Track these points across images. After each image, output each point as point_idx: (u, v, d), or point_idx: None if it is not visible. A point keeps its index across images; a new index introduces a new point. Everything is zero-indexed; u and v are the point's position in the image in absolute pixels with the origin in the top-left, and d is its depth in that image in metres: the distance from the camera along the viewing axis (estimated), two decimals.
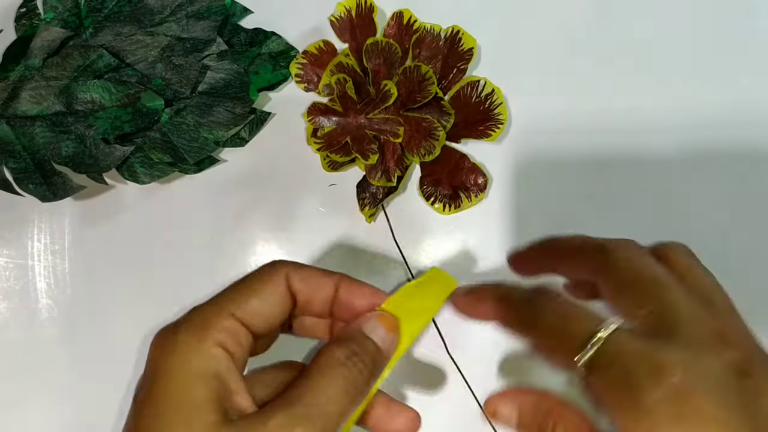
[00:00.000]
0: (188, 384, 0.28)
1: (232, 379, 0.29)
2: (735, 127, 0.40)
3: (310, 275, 0.32)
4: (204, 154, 0.40)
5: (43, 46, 0.38)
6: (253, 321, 0.30)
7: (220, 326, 0.29)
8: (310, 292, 0.32)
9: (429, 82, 0.39)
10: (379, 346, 0.32)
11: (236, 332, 0.29)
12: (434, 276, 0.35)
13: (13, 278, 0.41)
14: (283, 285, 0.31)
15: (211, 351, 0.28)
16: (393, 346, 0.32)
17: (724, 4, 0.40)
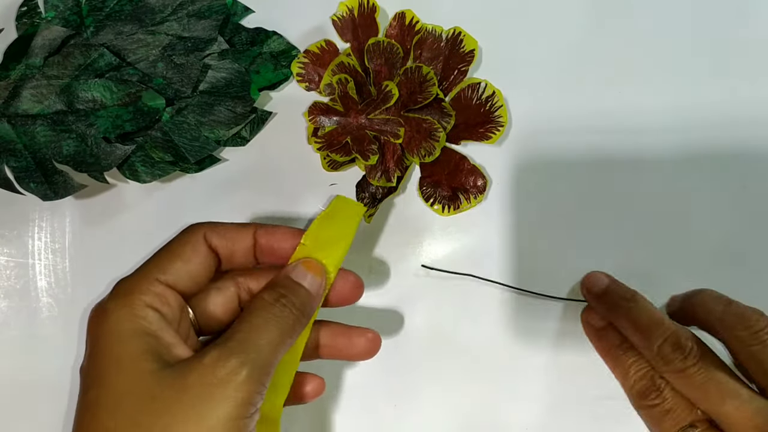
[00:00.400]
0: (122, 341, 0.30)
1: (166, 335, 0.31)
2: (735, 127, 0.40)
3: (227, 230, 0.35)
4: (205, 154, 0.40)
5: (44, 44, 0.38)
6: (179, 282, 0.33)
7: (146, 290, 0.32)
8: (229, 245, 0.35)
9: (430, 83, 0.39)
10: (308, 290, 0.34)
11: (163, 294, 0.32)
12: (340, 204, 0.37)
13: (14, 277, 0.41)
14: (202, 245, 0.34)
15: (140, 312, 0.31)
16: (321, 289, 0.35)
17: (724, 4, 0.40)
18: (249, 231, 0.35)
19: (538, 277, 0.40)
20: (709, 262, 0.40)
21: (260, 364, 0.30)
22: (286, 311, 0.33)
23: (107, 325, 0.31)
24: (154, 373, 0.29)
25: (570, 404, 0.40)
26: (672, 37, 0.40)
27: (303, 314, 0.33)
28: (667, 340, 0.34)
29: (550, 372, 0.40)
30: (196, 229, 0.34)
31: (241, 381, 0.29)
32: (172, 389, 0.29)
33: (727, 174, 0.40)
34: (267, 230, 0.35)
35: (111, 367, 0.30)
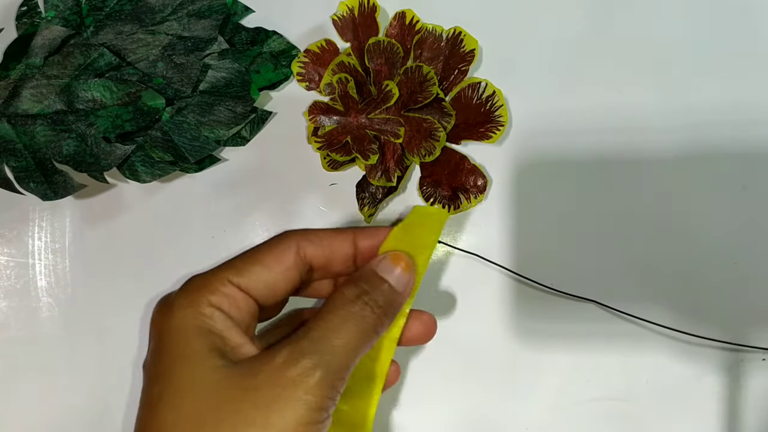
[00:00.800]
0: (188, 338, 0.29)
1: (233, 335, 0.29)
2: (735, 127, 0.40)
3: (322, 238, 0.33)
4: (205, 153, 0.40)
5: (44, 44, 0.38)
6: (252, 287, 0.31)
7: (215, 290, 0.30)
8: (326, 254, 0.32)
9: (430, 83, 0.39)
10: (393, 286, 0.32)
11: (233, 296, 0.30)
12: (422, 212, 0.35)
13: (14, 277, 0.41)
14: (291, 254, 0.32)
15: (205, 311, 0.29)
16: (409, 286, 0.32)
17: (724, 4, 0.40)
18: (347, 236, 0.33)
19: (538, 277, 0.40)
20: (709, 262, 0.40)
21: (335, 368, 0.28)
22: (368, 310, 0.30)
23: (171, 321, 0.29)
24: (220, 370, 0.28)
25: (570, 404, 0.40)
26: (672, 36, 0.40)
27: (386, 314, 0.31)
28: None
29: (550, 372, 0.40)
30: (287, 237, 0.32)
31: (313, 384, 0.28)
32: (239, 388, 0.28)
33: (727, 174, 0.40)
34: (367, 233, 0.33)
35: (175, 363, 0.29)
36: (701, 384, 0.39)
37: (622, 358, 0.39)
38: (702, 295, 0.39)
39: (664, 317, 0.39)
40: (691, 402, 0.39)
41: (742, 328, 0.39)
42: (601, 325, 0.40)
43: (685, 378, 0.39)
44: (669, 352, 0.39)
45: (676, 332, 0.39)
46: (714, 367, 0.39)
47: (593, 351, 0.39)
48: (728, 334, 0.39)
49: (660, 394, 0.39)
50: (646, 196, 0.40)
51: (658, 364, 0.39)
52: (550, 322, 0.40)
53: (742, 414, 0.39)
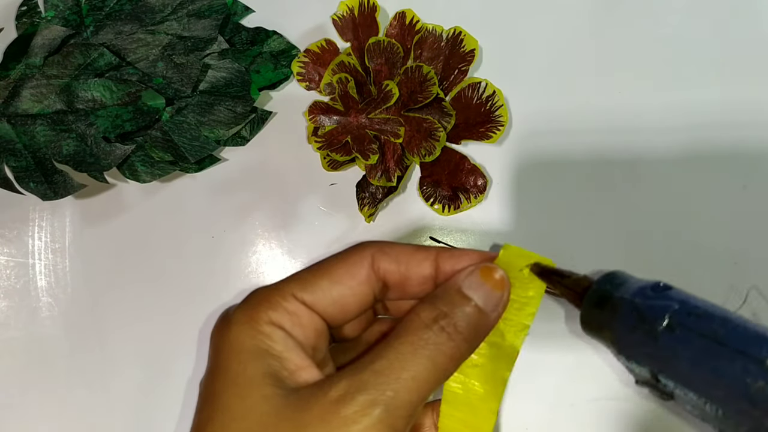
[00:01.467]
0: (242, 360, 0.27)
1: (293, 357, 0.27)
2: (735, 127, 0.40)
3: (401, 254, 0.29)
4: (205, 153, 0.40)
5: (44, 44, 0.38)
6: (319, 304, 0.28)
7: (277, 305, 0.27)
8: (402, 271, 0.29)
9: (430, 83, 0.39)
10: (480, 307, 0.28)
11: (296, 313, 0.28)
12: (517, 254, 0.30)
13: (14, 276, 0.41)
14: (364, 268, 0.29)
15: (264, 329, 0.27)
16: (501, 305, 0.28)
17: (725, 4, 0.40)
18: (428, 255, 0.29)
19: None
20: (709, 262, 0.40)
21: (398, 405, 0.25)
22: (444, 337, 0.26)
23: (228, 339, 0.27)
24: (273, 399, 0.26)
25: (570, 404, 0.40)
26: (672, 36, 0.40)
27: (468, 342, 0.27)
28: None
29: (550, 372, 0.40)
30: (362, 249, 0.29)
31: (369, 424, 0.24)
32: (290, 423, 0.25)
33: (727, 174, 0.40)
34: (451, 255, 0.29)
35: (228, 388, 0.27)
36: None
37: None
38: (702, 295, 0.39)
39: None
40: None
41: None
42: None
43: None
44: None
45: None
46: None
47: (593, 351, 0.39)
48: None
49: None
50: (646, 196, 0.40)
51: None
52: (550, 322, 0.40)
53: None
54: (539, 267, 0.29)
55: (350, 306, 0.29)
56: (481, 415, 0.29)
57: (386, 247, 0.29)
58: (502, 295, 0.28)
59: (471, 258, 0.29)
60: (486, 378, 0.29)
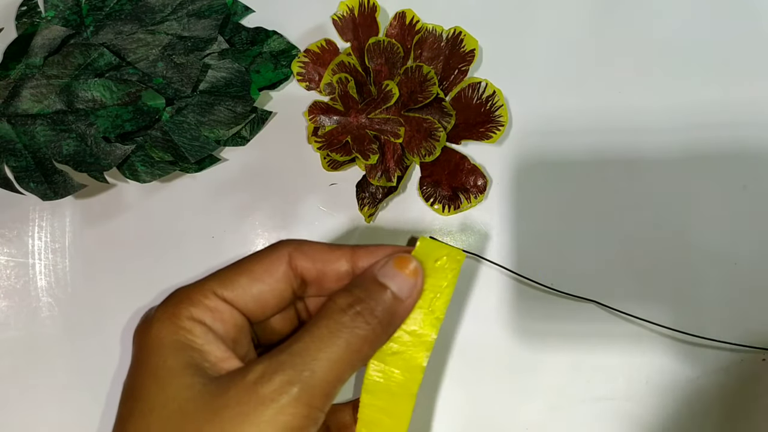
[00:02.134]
0: (162, 354, 0.27)
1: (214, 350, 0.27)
2: (735, 128, 0.40)
3: (316, 251, 0.30)
4: (205, 153, 0.40)
5: (44, 44, 0.38)
6: (239, 300, 0.29)
7: (197, 302, 0.28)
8: (318, 268, 0.30)
9: (430, 83, 0.39)
10: (395, 293, 0.29)
11: (217, 309, 0.28)
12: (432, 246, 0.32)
13: (14, 276, 0.41)
14: (282, 265, 0.30)
15: (185, 325, 0.28)
16: (416, 291, 0.30)
17: (725, 4, 0.40)
18: (344, 253, 0.30)
19: (538, 277, 0.40)
20: (708, 263, 0.40)
21: (314, 384, 0.26)
22: (360, 321, 0.27)
23: (149, 336, 0.28)
24: (193, 387, 0.26)
25: (570, 404, 0.40)
26: (672, 37, 0.40)
27: (383, 326, 0.28)
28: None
29: (550, 372, 0.40)
30: (279, 247, 0.30)
31: (286, 403, 0.25)
32: (208, 407, 0.26)
33: (727, 174, 0.40)
34: (367, 251, 0.30)
35: (147, 380, 0.27)
36: (701, 384, 0.39)
37: (622, 358, 0.39)
38: (702, 295, 0.39)
39: (664, 317, 0.39)
40: (691, 402, 0.39)
41: (742, 328, 0.39)
42: (601, 325, 0.40)
43: (685, 378, 0.39)
44: (669, 352, 0.39)
45: (676, 332, 0.39)
46: (714, 367, 0.39)
47: (593, 351, 0.39)
48: (728, 334, 0.39)
49: (660, 394, 0.39)
50: (646, 196, 0.40)
51: (658, 364, 0.39)
52: (550, 322, 0.40)
53: (742, 414, 0.39)
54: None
55: (269, 302, 0.30)
56: (401, 401, 0.31)
57: (304, 246, 0.30)
58: (415, 282, 0.29)
59: (386, 252, 0.30)
60: (405, 365, 0.31)
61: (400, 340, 0.31)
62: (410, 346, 0.31)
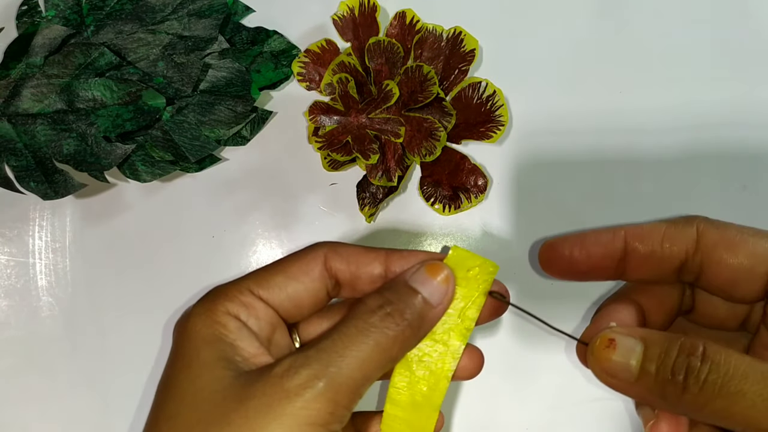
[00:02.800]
0: (197, 346, 0.28)
1: (247, 345, 0.28)
2: (735, 128, 0.40)
3: (351, 254, 0.31)
4: (205, 153, 0.40)
5: (45, 44, 0.38)
6: (274, 298, 0.29)
7: (233, 297, 0.29)
8: (352, 270, 0.30)
9: (431, 83, 0.39)
10: (425, 298, 0.29)
11: (252, 306, 0.29)
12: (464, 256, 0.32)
13: (14, 276, 0.41)
14: (317, 266, 0.30)
15: (220, 319, 0.28)
16: (447, 299, 0.30)
17: (725, 4, 0.40)
18: (378, 255, 0.31)
19: (538, 276, 0.40)
20: None
21: (340, 381, 0.26)
22: (389, 321, 0.28)
23: (186, 329, 0.29)
24: (223, 380, 0.27)
25: (570, 404, 0.40)
26: (672, 37, 0.40)
27: (413, 329, 0.28)
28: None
29: (550, 372, 0.40)
30: (316, 249, 0.31)
31: (311, 397, 0.25)
32: (235, 398, 0.26)
33: (727, 174, 0.40)
34: (400, 256, 0.30)
35: (181, 371, 0.28)
36: None
37: None
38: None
39: None
40: None
41: None
42: None
43: None
44: None
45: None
46: None
47: None
48: None
49: None
50: (646, 196, 0.40)
51: None
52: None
53: None
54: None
55: (304, 301, 0.30)
56: (424, 413, 0.31)
57: (339, 247, 0.31)
58: (447, 289, 0.29)
59: (419, 258, 0.31)
60: (431, 374, 0.31)
61: (427, 349, 0.31)
62: (437, 356, 0.31)
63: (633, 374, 0.28)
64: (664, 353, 0.28)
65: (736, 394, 0.26)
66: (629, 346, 0.29)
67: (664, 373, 0.28)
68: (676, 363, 0.28)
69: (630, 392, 0.30)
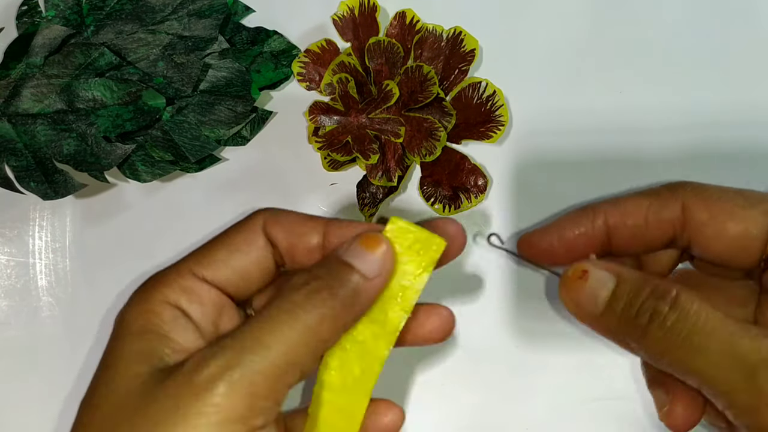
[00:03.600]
0: (124, 339, 0.26)
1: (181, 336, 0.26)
2: (735, 128, 0.40)
3: (290, 221, 0.28)
4: (205, 153, 0.40)
5: (45, 44, 0.38)
6: (220, 277, 0.27)
7: (172, 283, 0.26)
8: (291, 239, 0.28)
9: (431, 83, 0.39)
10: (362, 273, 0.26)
11: (194, 290, 0.27)
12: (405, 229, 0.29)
13: (14, 276, 0.41)
14: (260, 234, 0.28)
15: (155, 308, 0.26)
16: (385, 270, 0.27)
17: (725, 4, 0.40)
18: (316, 225, 0.28)
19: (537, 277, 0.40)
20: None
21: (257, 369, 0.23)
22: (317, 300, 0.25)
23: (118, 322, 0.27)
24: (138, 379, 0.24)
25: (570, 404, 0.40)
26: (672, 37, 0.40)
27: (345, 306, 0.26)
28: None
29: (550, 372, 0.40)
30: (254, 217, 0.28)
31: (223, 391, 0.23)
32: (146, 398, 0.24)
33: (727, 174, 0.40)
34: (339, 227, 0.28)
35: (102, 368, 0.26)
36: None
37: (623, 358, 0.39)
38: None
39: None
40: None
41: None
42: None
43: None
44: None
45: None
46: None
47: (594, 351, 0.39)
48: None
49: None
50: None
51: None
52: (551, 323, 0.40)
53: None
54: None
55: (252, 275, 0.28)
56: (355, 399, 0.29)
57: (279, 215, 0.28)
58: (383, 261, 0.27)
59: (357, 229, 0.28)
60: (365, 356, 0.28)
61: (362, 329, 0.28)
62: (372, 337, 0.29)
63: (599, 308, 0.28)
64: (634, 293, 0.27)
65: (699, 349, 0.25)
66: (602, 279, 0.28)
67: (628, 312, 0.27)
68: (644, 304, 0.27)
69: (594, 326, 0.29)
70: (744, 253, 0.29)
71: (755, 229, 0.28)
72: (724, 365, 0.25)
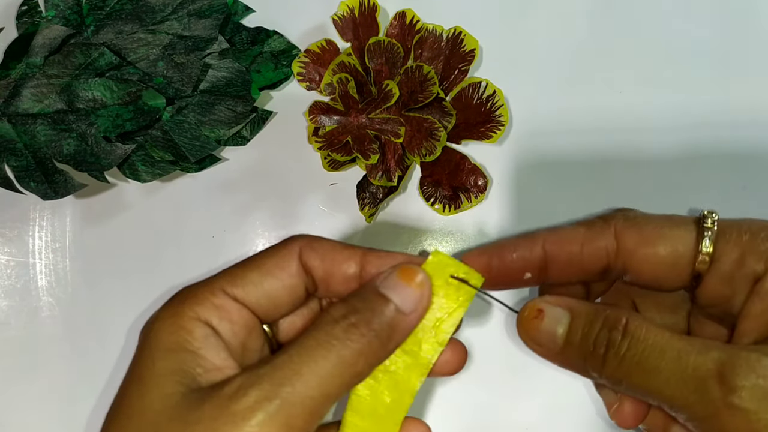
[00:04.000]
0: (153, 357, 0.26)
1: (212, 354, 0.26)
2: (735, 127, 0.40)
3: (326, 250, 0.28)
4: (205, 153, 0.40)
5: (45, 44, 0.38)
6: (250, 298, 0.27)
7: (203, 300, 0.26)
8: (326, 267, 0.28)
9: (431, 83, 0.39)
10: (397, 306, 0.26)
11: (225, 308, 0.27)
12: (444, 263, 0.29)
13: (14, 276, 0.41)
14: (294, 260, 0.28)
15: (186, 325, 0.26)
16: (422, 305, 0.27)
17: (725, 4, 0.40)
18: (354, 254, 0.28)
19: None
20: None
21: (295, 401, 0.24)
22: (354, 333, 0.25)
23: (149, 336, 0.26)
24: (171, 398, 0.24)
25: (570, 404, 0.40)
26: (672, 36, 0.40)
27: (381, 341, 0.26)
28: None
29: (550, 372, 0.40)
30: (291, 242, 0.28)
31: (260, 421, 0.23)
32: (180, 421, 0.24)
33: (727, 174, 0.40)
34: (377, 256, 0.28)
35: (132, 384, 0.26)
36: None
37: None
38: None
39: None
40: None
41: None
42: None
43: None
44: None
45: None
46: None
47: None
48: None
49: None
50: (646, 197, 0.40)
51: None
52: None
53: None
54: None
55: (282, 299, 0.28)
56: (385, 428, 0.29)
57: (315, 242, 0.28)
58: (421, 296, 0.27)
59: (396, 260, 0.28)
60: (396, 387, 0.29)
61: (394, 359, 0.28)
62: (406, 368, 0.29)
63: (558, 344, 0.29)
64: (588, 325, 0.28)
65: (653, 371, 0.26)
66: (556, 316, 0.29)
67: (586, 345, 0.28)
68: (599, 336, 0.28)
69: (556, 361, 0.30)
70: (675, 272, 0.29)
71: (682, 247, 0.28)
72: (677, 382, 0.26)
